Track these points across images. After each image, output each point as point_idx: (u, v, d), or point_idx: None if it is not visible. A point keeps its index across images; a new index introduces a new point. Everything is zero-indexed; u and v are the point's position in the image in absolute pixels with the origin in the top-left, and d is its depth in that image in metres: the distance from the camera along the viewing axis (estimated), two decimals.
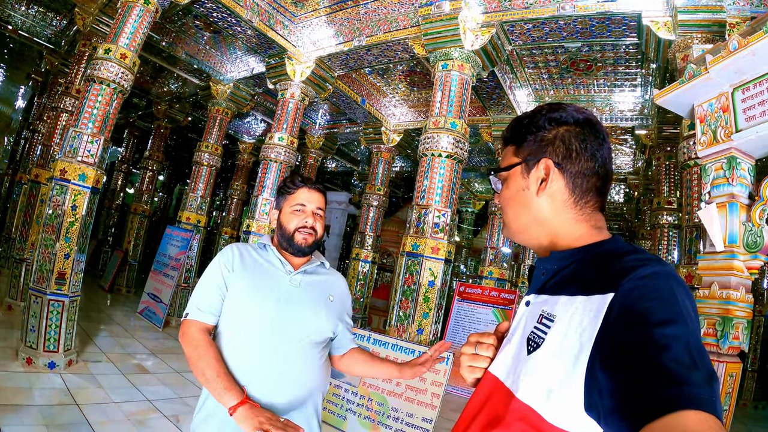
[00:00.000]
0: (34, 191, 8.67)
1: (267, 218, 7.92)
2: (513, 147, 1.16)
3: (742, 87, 3.26)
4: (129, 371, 5.99)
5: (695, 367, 0.70)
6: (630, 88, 7.95)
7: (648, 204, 10.06)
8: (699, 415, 0.65)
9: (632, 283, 0.81)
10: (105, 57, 5.80)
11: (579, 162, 1.04)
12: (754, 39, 3.01)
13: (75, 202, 5.66)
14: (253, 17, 7.22)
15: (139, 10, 6.03)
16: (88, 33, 8.17)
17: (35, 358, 5.39)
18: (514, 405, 0.93)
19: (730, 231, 3.24)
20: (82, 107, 5.79)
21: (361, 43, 7.39)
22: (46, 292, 5.52)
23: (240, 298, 1.86)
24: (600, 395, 0.77)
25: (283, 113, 8.23)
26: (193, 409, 5.02)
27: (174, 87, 12.14)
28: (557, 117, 1.08)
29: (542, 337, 0.94)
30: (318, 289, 2.01)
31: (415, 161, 14.14)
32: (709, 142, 3.45)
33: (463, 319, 8.47)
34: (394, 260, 12.87)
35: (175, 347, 7.80)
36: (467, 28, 6.28)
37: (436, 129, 6.28)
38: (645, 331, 0.74)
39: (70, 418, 4.32)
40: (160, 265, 9.78)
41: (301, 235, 1.97)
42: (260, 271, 1.93)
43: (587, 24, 6.02)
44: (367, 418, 5.24)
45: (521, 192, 1.11)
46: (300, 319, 1.88)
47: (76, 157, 5.63)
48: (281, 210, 2.05)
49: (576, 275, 0.97)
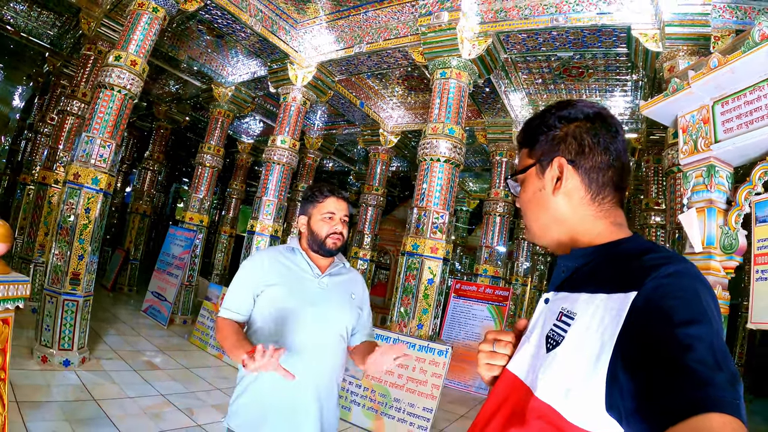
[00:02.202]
0: (41, 193, 8.82)
1: (270, 218, 8.16)
2: (527, 149, 1.16)
3: (721, 101, 3.44)
4: (140, 368, 6.17)
5: (719, 368, 0.69)
6: (621, 93, 8.18)
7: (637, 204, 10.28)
8: (723, 418, 0.64)
9: (655, 282, 0.80)
10: (115, 64, 5.98)
11: (592, 157, 1.03)
12: (733, 58, 3.18)
13: (88, 205, 5.83)
14: (256, 23, 7.42)
15: (147, 17, 6.21)
16: (93, 37, 8.28)
17: (50, 357, 5.54)
18: (533, 403, 0.92)
19: (708, 234, 3.44)
20: (94, 113, 5.95)
21: (361, 50, 7.61)
22: (61, 293, 5.70)
23: (277, 304, 2.10)
24: (621, 395, 0.76)
25: (285, 116, 8.45)
26: (204, 402, 5.31)
27: (175, 88, 12.24)
28: (566, 114, 1.08)
29: (562, 335, 0.93)
30: (342, 289, 2.25)
31: (411, 162, 14.34)
32: (691, 151, 3.63)
33: (459, 316, 8.73)
34: (392, 258, 13.02)
35: (182, 344, 8.00)
36: (465, 38, 6.50)
37: (434, 135, 6.53)
38: (668, 331, 0.73)
39: (90, 413, 4.48)
40: (164, 264, 9.92)
41: (331, 240, 2.20)
42: (292, 278, 2.17)
43: (579, 35, 6.26)
44: (370, 408, 5.48)
45: (538, 193, 1.10)
46: (329, 318, 2.14)
47: (89, 162, 5.81)
48: (311, 217, 2.25)
49: (597, 273, 0.96)
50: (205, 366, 6.91)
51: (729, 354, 0.73)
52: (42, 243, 8.49)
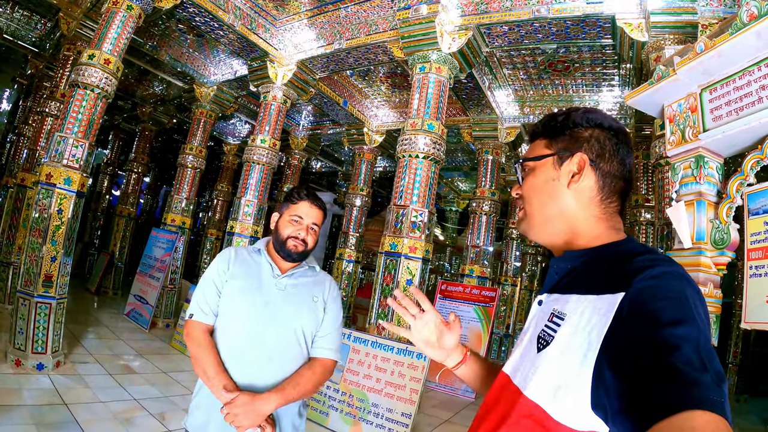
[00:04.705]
0: (20, 195, 8.71)
1: (250, 219, 8.05)
2: (545, 140, 1.17)
3: (709, 87, 3.28)
4: (116, 372, 6.06)
5: (705, 368, 0.70)
6: (608, 87, 8.13)
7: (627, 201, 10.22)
8: (707, 415, 0.64)
9: (643, 283, 0.81)
10: (89, 62, 5.89)
11: (611, 163, 1.07)
12: (720, 41, 3.03)
13: (61, 206, 5.73)
14: (235, 21, 7.32)
15: (122, 16, 6.12)
16: (72, 37, 8.18)
17: (24, 360, 5.45)
18: (522, 402, 0.94)
19: (698, 228, 3.28)
20: (66, 112, 5.86)
21: (341, 46, 7.52)
22: (34, 295, 5.59)
23: (233, 300, 2.07)
24: (607, 394, 0.77)
25: (266, 116, 8.35)
26: (178, 407, 5.20)
27: (158, 89, 12.16)
28: (594, 118, 1.11)
29: (552, 335, 0.94)
30: (302, 291, 2.19)
31: None
32: (678, 142, 3.48)
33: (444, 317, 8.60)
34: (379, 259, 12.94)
35: (162, 348, 7.88)
36: (444, 31, 6.41)
37: (413, 130, 6.41)
38: (655, 331, 0.74)
39: (59, 417, 4.39)
40: (146, 267, 9.81)
41: (292, 242, 2.14)
42: (252, 275, 2.13)
43: (562, 26, 6.15)
44: (348, 414, 5.38)
45: (551, 182, 1.11)
46: (283, 319, 2.08)
47: (61, 162, 5.71)
48: (281, 216, 2.23)
49: (588, 274, 0.98)
50: (183, 370, 6.78)
51: (715, 354, 0.75)
52: (21, 245, 8.36)
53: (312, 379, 2.06)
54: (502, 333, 11.81)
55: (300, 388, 2.00)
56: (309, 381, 2.04)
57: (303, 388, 2.01)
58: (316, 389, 2.12)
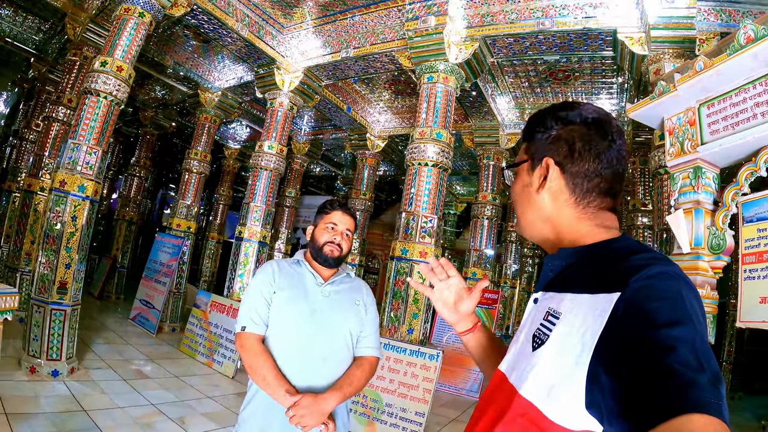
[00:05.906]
0: (27, 201, 8.71)
1: (258, 224, 8.14)
2: (526, 144, 1.17)
3: (707, 103, 3.46)
4: (129, 377, 6.11)
5: (701, 369, 0.69)
6: (607, 95, 8.26)
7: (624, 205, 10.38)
8: (705, 418, 0.64)
9: (639, 283, 0.80)
10: (101, 70, 5.93)
11: (581, 162, 1.03)
12: (719, 60, 3.20)
13: (75, 213, 5.78)
14: (243, 28, 7.40)
15: (134, 23, 6.17)
16: (78, 42, 8.20)
17: (39, 367, 5.48)
18: (516, 401, 0.93)
19: (696, 234, 3.46)
20: (80, 119, 5.89)
21: (348, 55, 7.62)
22: (48, 302, 5.63)
23: (280, 310, 2.19)
24: (602, 394, 0.77)
25: (272, 122, 8.44)
26: (196, 411, 5.26)
27: (161, 94, 12.15)
28: (564, 116, 1.08)
29: (547, 334, 0.93)
30: (345, 296, 2.34)
31: (399, 166, 14.35)
32: (677, 153, 3.65)
33: None
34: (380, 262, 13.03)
35: (171, 352, 7.94)
36: (451, 42, 6.54)
37: (422, 139, 6.54)
38: (652, 332, 0.73)
39: (80, 424, 4.42)
40: (152, 272, 9.84)
41: (329, 247, 2.29)
42: (296, 285, 2.26)
43: (565, 38, 6.30)
44: (362, 414, 5.48)
45: (526, 188, 1.12)
46: (333, 324, 2.22)
47: (75, 169, 5.75)
48: (316, 226, 2.38)
49: (583, 272, 0.97)
50: (195, 374, 6.85)
51: (712, 355, 0.74)
52: (28, 251, 8.38)
53: (363, 376, 2.23)
54: (502, 334, 11.90)
55: (354, 386, 2.17)
56: (361, 378, 2.22)
57: (357, 385, 2.19)
58: (365, 385, 2.29)
